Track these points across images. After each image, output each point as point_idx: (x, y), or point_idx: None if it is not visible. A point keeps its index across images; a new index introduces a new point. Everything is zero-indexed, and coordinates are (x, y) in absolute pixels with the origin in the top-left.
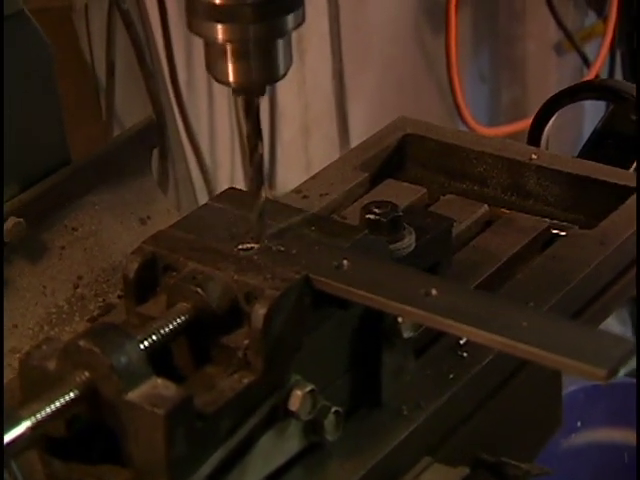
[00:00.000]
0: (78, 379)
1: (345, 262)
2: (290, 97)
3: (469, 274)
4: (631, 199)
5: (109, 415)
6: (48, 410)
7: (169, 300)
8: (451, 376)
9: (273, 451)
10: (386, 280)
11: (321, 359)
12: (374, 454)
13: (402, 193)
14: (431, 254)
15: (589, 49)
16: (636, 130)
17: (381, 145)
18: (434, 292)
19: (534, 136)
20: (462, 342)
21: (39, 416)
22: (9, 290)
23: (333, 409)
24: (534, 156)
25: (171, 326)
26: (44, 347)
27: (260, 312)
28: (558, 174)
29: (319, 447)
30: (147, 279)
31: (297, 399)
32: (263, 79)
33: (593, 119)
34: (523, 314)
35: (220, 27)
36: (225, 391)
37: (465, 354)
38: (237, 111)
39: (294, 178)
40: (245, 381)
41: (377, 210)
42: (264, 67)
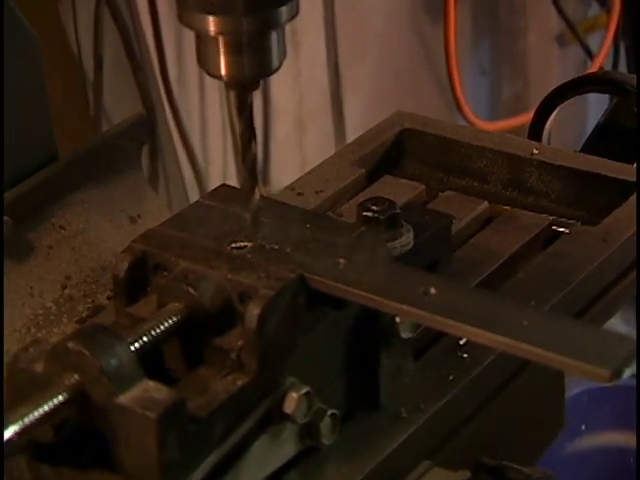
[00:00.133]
0: (67, 382)
1: (341, 261)
2: (284, 91)
3: (469, 272)
4: (635, 195)
5: (99, 419)
6: (36, 414)
7: (160, 300)
8: (451, 377)
9: (268, 455)
10: (384, 279)
11: (317, 360)
12: (372, 458)
13: (400, 190)
14: (430, 252)
15: (592, 41)
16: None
17: (378, 140)
18: (433, 291)
19: (535, 130)
20: (462, 342)
21: (27, 420)
22: None
23: (329, 412)
24: (535, 151)
25: (162, 327)
26: (31, 349)
27: (254, 312)
28: (560, 169)
29: (315, 451)
30: (137, 279)
31: (292, 402)
32: (256, 72)
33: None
34: (524, 313)
35: (212, 19)
36: (218, 394)
37: (465, 355)
38: (229, 106)
39: (288, 174)
40: (239, 383)
41: (374, 207)
42: (257, 60)
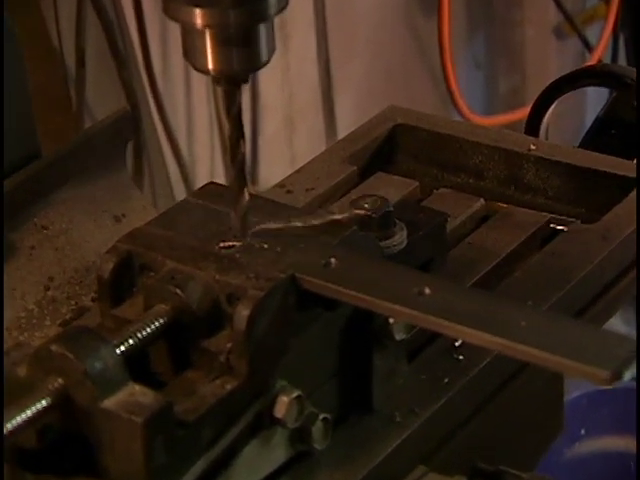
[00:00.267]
0: (50, 386)
1: (333, 260)
2: (273, 86)
3: (464, 272)
4: (635, 191)
5: (83, 424)
6: (18, 419)
7: (146, 302)
8: (446, 380)
9: (258, 461)
10: (376, 279)
11: (308, 363)
12: (365, 463)
13: (393, 187)
14: (424, 251)
15: (591, 33)
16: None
17: (370, 136)
18: (427, 291)
19: (533, 125)
20: (457, 344)
21: (9, 426)
22: None
23: (321, 416)
24: (533, 146)
25: (149, 329)
26: (13, 353)
27: (243, 314)
28: (558, 165)
29: (307, 456)
30: (123, 280)
31: (283, 405)
32: (245, 66)
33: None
34: (521, 313)
35: (199, 11)
36: (207, 397)
37: (461, 357)
38: (217, 102)
39: (277, 173)
40: (228, 387)
41: (366, 205)
42: (245, 54)
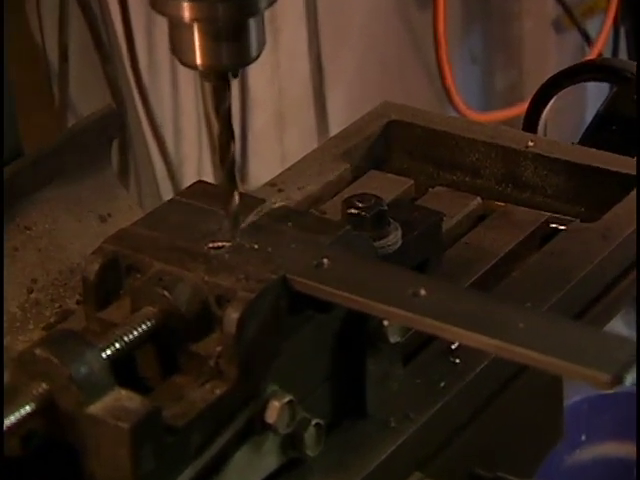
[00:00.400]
0: (34, 391)
1: (325, 261)
2: (263, 82)
3: (461, 273)
4: (636, 190)
5: (69, 430)
6: (2, 426)
7: (133, 304)
8: (442, 384)
9: (249, 468)
10: (370, 280)
11: (300, 367)
12: (359, 470)
13: (387, 185)
14: (419, 251)
15: (591, 26)
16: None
17: (363, 133)
18: (423, 292)
19: (531, 122)
20: (454, 347)
21: None
22: None
23: (314, 421)
24: (531, 143)
25: (136, 333)
26: None
27: (233, 316)
28: (557, 163)
29: (299, 463)
30: (109, 282)
31: (274, 411)
32: (234, 61)
33: (595, 102)
34: (520, 315)
35: (187, 4)
36: (196, 402)
37: (457, 360)
38: (205, 98)
39: (267, 171)
40: (217, 392)
41: (360, 204)
42: (235, 48)
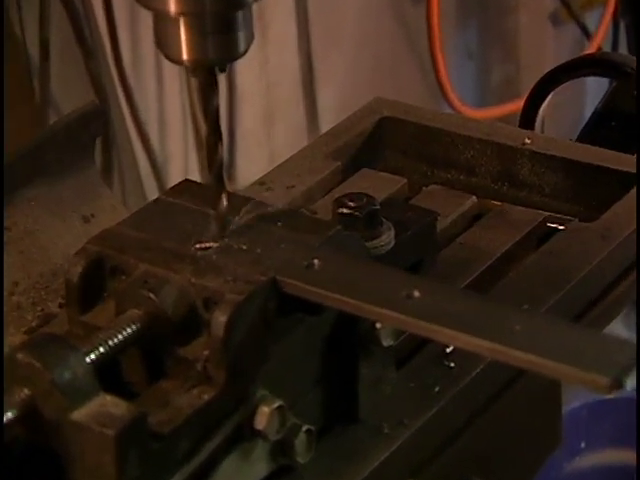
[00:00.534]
0: (16, 397)
1: (316, 262)
2: (251, 78)
3: (456, 274)
4: (635, 188)
5: (52, 437)
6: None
7: (118, 307)
8: (437, 389)
9: (238, 475)
10: (362, 281)
11: (290, 371)
12: (351, 477)
13: (379, 184)
14: (413, 252)
15: (589, 19)
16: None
17: (355, 130)
18: (417, 294)
19: (528, 118)
20: (449, 350)
21: None
22: None
23: (304, 427)
24: (528, 140)
25: (120, 336)
26: None
27: (221, 319)
28: (554, 160)
29: (289, 470)
30: (92, 284)
31: (264, 416)
32: (221, 56)
33: (595, 98)
34: (516, 317)
35: None
36: (183, 408)
37: (452, 364)
38: (190, 94)
39: (256, 170)
40: (205, 397)
41: (351, 203)
42: (222, 42)
